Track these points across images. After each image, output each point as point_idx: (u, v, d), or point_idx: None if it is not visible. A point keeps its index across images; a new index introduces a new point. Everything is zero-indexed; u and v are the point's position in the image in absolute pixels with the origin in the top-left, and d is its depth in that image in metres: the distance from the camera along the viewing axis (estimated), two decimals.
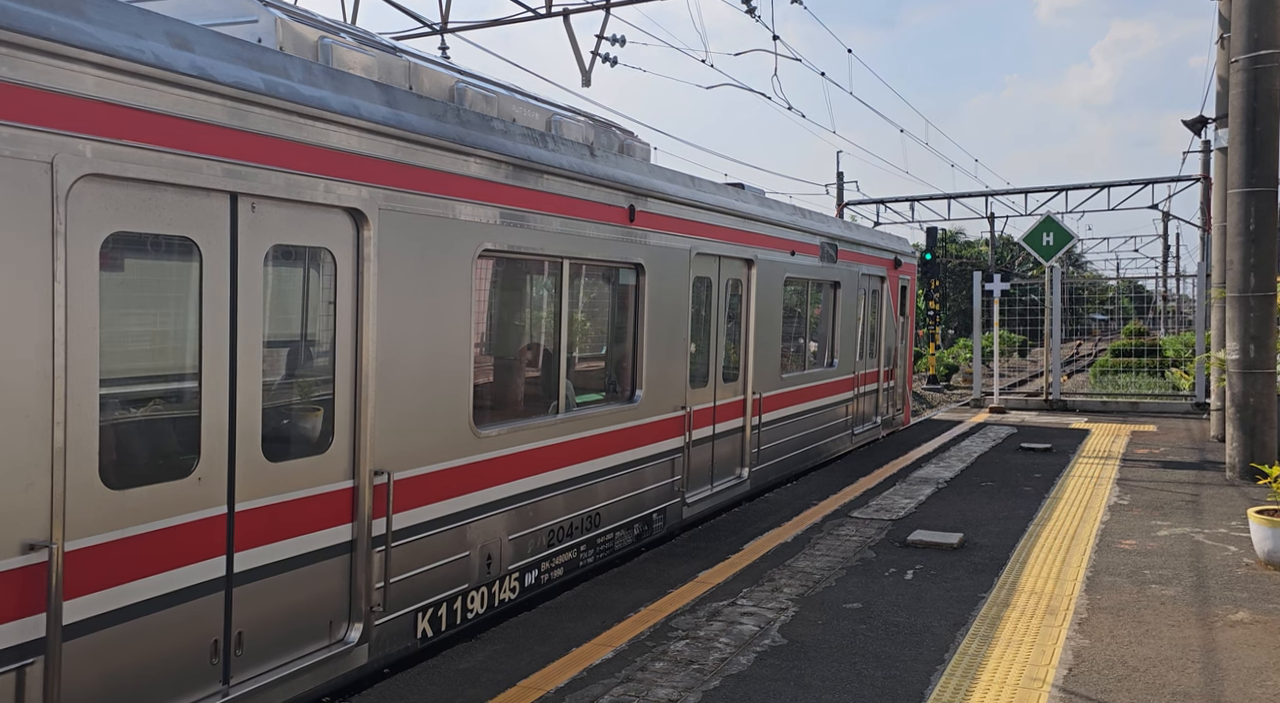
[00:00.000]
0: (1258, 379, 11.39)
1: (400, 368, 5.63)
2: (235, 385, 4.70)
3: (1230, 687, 5.35)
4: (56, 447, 3.86)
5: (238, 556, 4.73)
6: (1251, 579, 7.44)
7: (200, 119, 4.40)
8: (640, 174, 8.23)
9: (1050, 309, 19.72)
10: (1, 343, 3.69)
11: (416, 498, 5.82)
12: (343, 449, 5.32)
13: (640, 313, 8.29)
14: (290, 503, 5.01)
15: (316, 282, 5.36)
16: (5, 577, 3.71)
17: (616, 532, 8.06)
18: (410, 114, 5.65)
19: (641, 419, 8.32)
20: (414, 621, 5.82)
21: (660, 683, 5.34)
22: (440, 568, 6.03)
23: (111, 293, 4.19)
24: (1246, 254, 11.38)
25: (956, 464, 12.81)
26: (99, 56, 3.91)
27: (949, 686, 5.35)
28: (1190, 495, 10.71)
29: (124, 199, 4.14)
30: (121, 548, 4.20)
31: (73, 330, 3.96)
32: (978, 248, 64.18)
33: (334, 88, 5.18)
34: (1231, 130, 11.48)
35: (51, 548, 3.84)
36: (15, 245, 3.69)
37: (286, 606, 4.99)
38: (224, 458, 4.66)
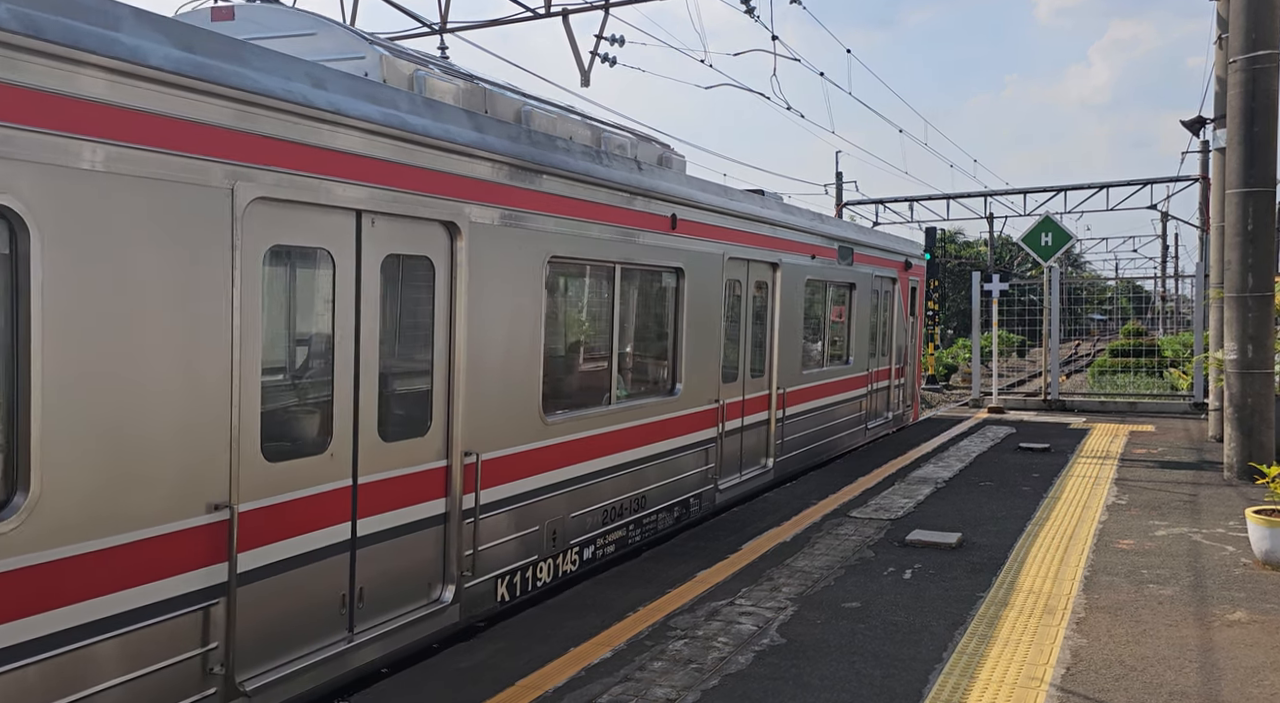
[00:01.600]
0: (1256, 379, 11.41)
1: (484, 361, 6.38)
2: (359, 376, 5.47)
3: (1227, 686, 5.36)
4: (233, 426, 4.67)
5: (360, 522, 5.52)
6: (1249, 579, 7.46)
7: (335, 148, 5.17)
8: (680, 185, 8.94)
9: (1049, 309, 19.74)
10: (198, 340, 4.50)
11: (498, 477, 6.57)
12: (439, 432, 6.10)
13: (680, 313, 9.01)
14: (399, 478, 5.78)
15: (419, 286, 6.01)
16: (198, 531, 4.54)
17: (660, 514, 8.79)
18: (492, 137, 6.39)
19: (680, 411, 9.02)
20: (495, 586, 6.57)
21: (659, 682, 5.36)
22: (516, 540, 6.80)
23: (269, 297, 4.97)
24: (1244, 254, 11.40)
25: (955, 464, 12.83)
26: (262, 98, 4.70)
27: (947, 685, 5.36)
28: (1188, 495, 10.73)
29: (280, 217, 4.93)
30: (277, 511, 4.99)
31: (244, 330, 4.74)
32: (977, 248, 64.21)
33: (432, 116, 5.94)
34: (1229, 131, 11.49)
35: (231, 508, 4.67)
36: (206, 258, 4.51)
37: (395, 568, 5.76)
38: (350, 438, 5.43)
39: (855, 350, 13.96)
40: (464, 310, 6.16)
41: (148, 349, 4.30)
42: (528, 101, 7.58)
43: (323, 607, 5.27)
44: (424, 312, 6.02)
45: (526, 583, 6.93)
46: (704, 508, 9.62)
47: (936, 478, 11.79)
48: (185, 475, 4.49)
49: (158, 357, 4.36)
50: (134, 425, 4.27)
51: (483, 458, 6.35)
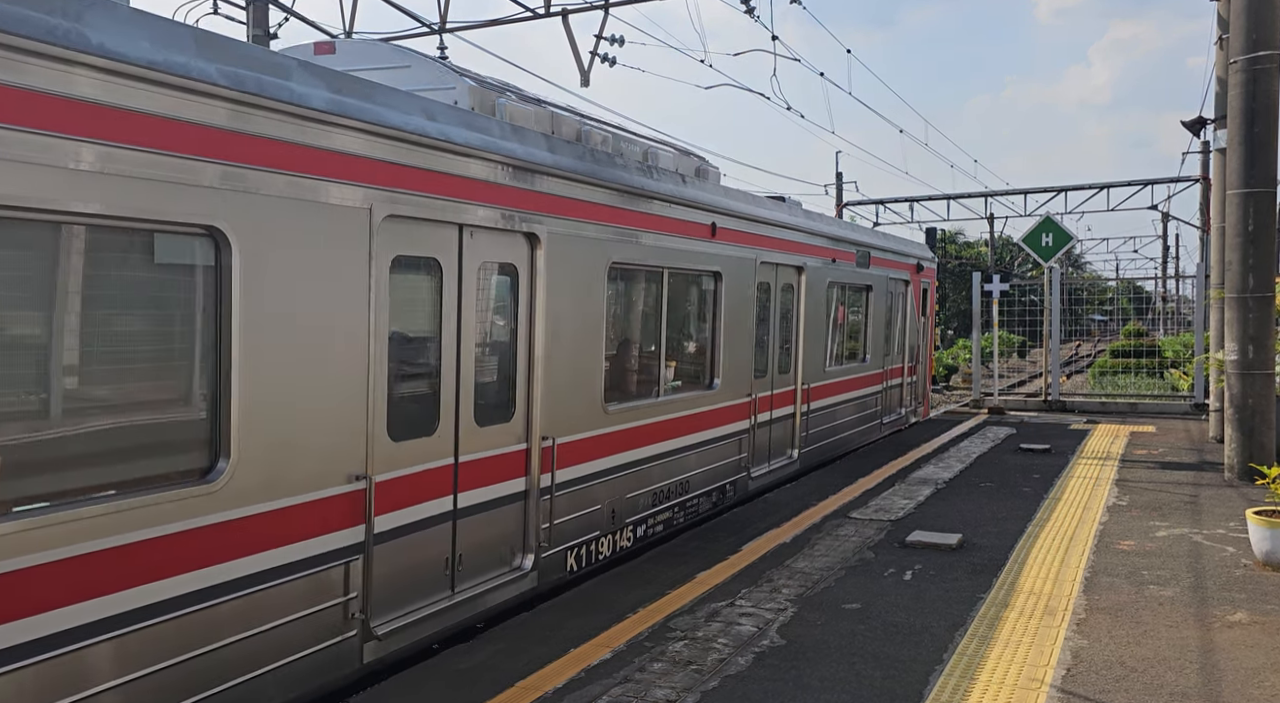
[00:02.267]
0: (1256, 380, 11.40)
1: (557, 356, 7.14)
2: (459, 368, 6.26)
3: (1228, 687, 5.35)
4: (369, 409, 5.46)
5: (460, 495, 6.30)
6: (1249, 580, 7.45)
7: (444, 171, 5.97)
8: (719, 196, 9.73)
9: (1049, 310, 19.73)
10: (346, 336, 5.31)
11: (569, 459, 7.34)
12: (520, 418, 6.87)
13: (718, 313, 9.76)
14: (489, 458, 6.56)
15: (505, 290, 6.82)
16: (344, 497, 5.33)
17: (700, 498, 9.55)
18: (564, 157, 7.22)
19: (719, 404, 9.80)
20: (565, 557, 7.38)
21: (659, 684, 5.35)
22: (583, 516, 7.59)
23: (393, 300, 5.70)
24: (1245, 255, 11.39)
25: (955, 465, 12.82)
26: (390, 130, 5.50)
27: (947, 686, 5.35)
28: (1189, 496, 10.72)
29: (403, 232, 5.73)
30: (400, 483, 5.76)
31: (377, 328, 5.50)
32: (977, 248, 64.19)
33: (518, 141, 6.74)
34: (1230, 131, 11.48)
35: (368, 478, 5.45)
36: (351, 268, 5.32)
37: (486, 537, 6.54)
38: (452, 422, 6.22)
39: (872, 349, 14.66)
40: (541, 311, 6.99)
41: (310, 344, 5.11)
42: (585, 121, 8.34)
43: (432, 568, 6.09)
44: (508, 312, 6.87)
45: (591, 556, 7.76)
46: (738, 494, 10.36)
47: (937, 479, 11.78)
48: (334, 451, 5.28)
49: (317, 350, 5.14)
50: (299, 408, 5.06)
51: (557, 442, 7.16)
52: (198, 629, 4.55)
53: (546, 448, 7.01)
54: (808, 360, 12.05)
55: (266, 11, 15.10)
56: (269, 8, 15.11)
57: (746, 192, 10.75)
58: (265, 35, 15.06)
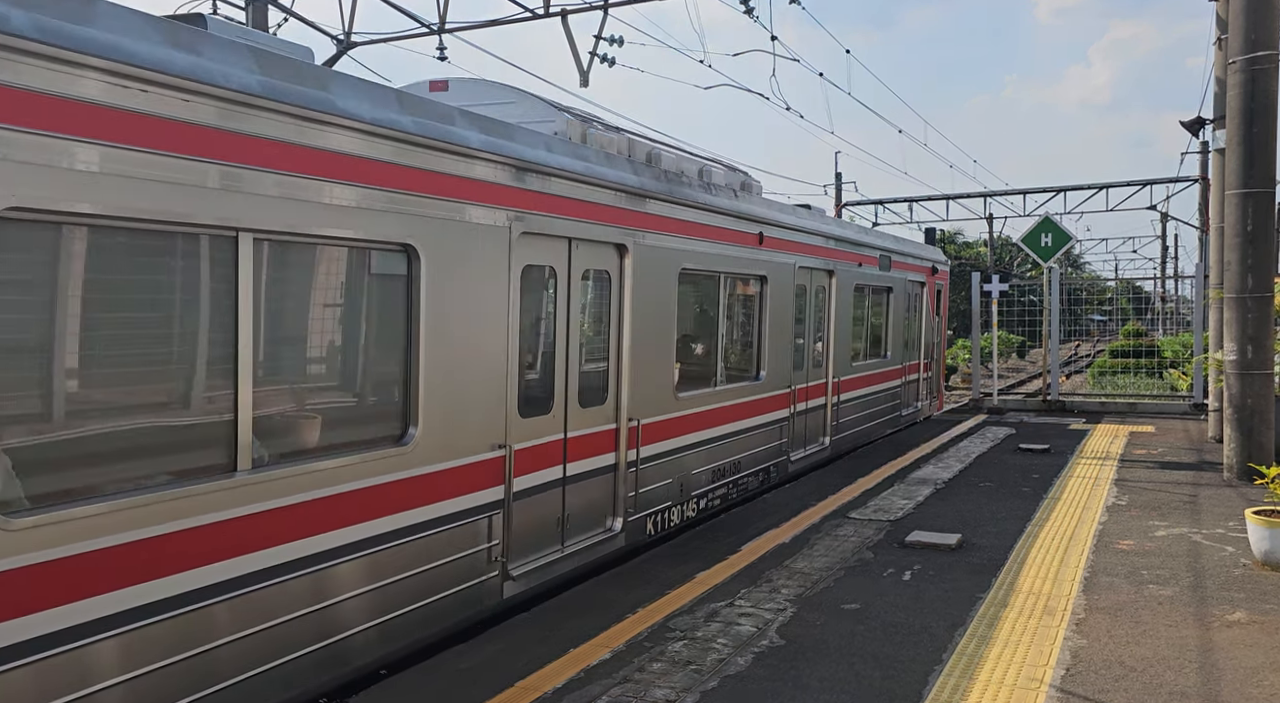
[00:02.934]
0: (1255, 380, 11.40)
1: (640, 348, 8.34)
2: (568, 358, 7.48)
3: (1227, 687, 5.36)
4: (507, 391, 6.65)
5: (568, 465, 7.49)
6: (1249, 580, 7.45)
7: (561, 194, 7.19)
8: (765, 208, 10.96)
9: (1049, 310, 19.74)
10: (494, 331, 6.53)
11: (649, 438, 8.52)
12: (612, 402, 8.09)
13: (763, 313, 10.94)
14: (589, 435, 7.75)
15: (600, 293, 8.02)
16: (491, 462, 6.54)
17: (749, 477, 10.74)
18: (645, 178, 8.45)
19: (764, 394, 10.95)
20: (646, 522, 8.55)
21: (658, 684, 5.35)
22: (659, 488, 8.77)
23: (522, 302, 6.85)
24: (1244, 255, 11.39)
25: (955, 465, 12.82)
26: (525, 162, 6.72)
27: (947, 686, 5.36)
28: (1188, 496, 10.73)
29: (530, 245, 6.94)
30: (528, 452, 6.94)
31: (512, 324, 6.69)
32: (976, 248, 64.19)
33: (609, 165, 7.96)
34: (1229, 131, 11.48)
35: (508, 446, 6.67)
36: (497, 276, 6.55)
37: (585, 502, 7.70)
38: (563, 403, 7.43)
39: (892, 346, 15.80)
40: (628, 311, 8.18)
41: (470, 336, 6.31)
42: (655, 145, 9.37)
43: (548, 525, 7.27)
44: (603, 312, 8.05)
45: (665, 523, 8.91)
46: (779, 476, 11.51)
47: (936, 479, 11.78)
48: (485, 423, 6.47)
49: (474, 341, 6.35)
50: (462, 387, 6.27)
51: (641, 423, 8.35)
52: (396, 560, 5.76)
53: (632, 428, 8.24)
54: (838, 356, 13.20)
55: (266, 12, 15.10)
56: (268, 8, 15.11)
57: (784, 203, 12.06)
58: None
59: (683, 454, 9.12)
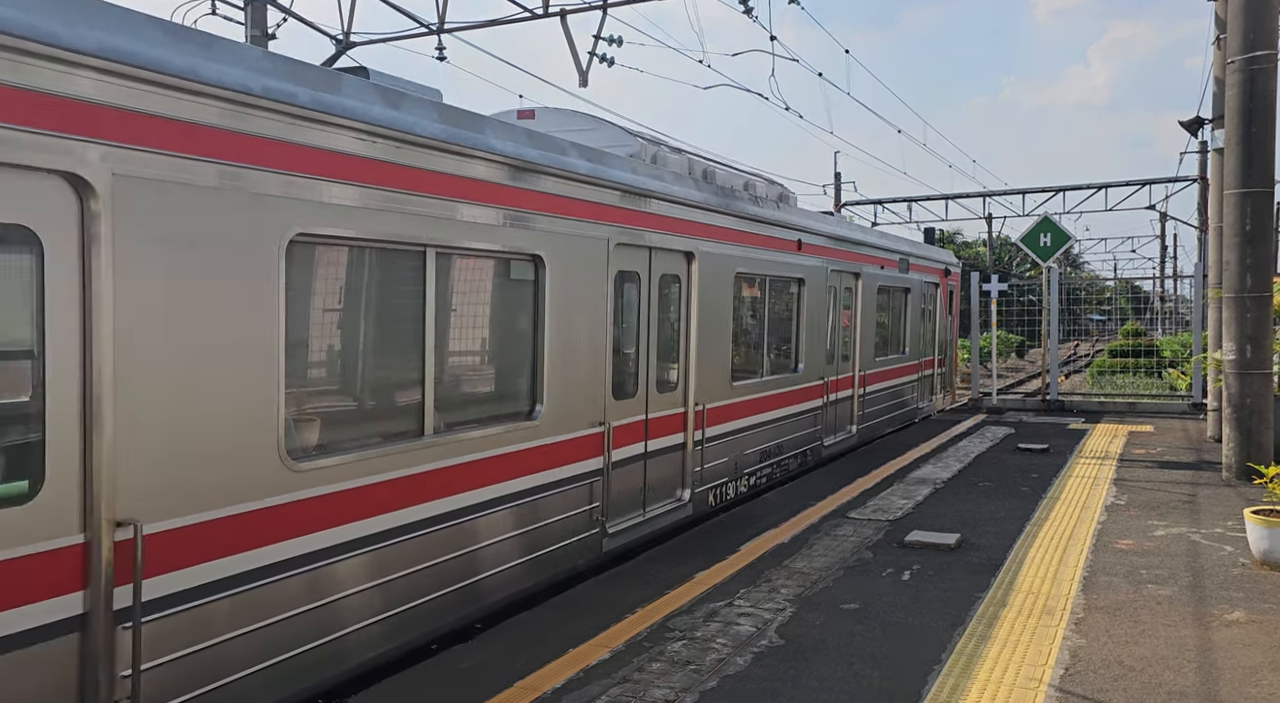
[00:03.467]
0: (1254, 380, 11.40)
1: (704, 341, 9.51)
2: (650, 349, 8.74)
3: (1226, 686, 5.36)
4: (606, 376, 7.92)
5: (649, 442, 8.72)
6: (1247, 579, 7.46)
7: (641, 209, 8.39)
8: (802, 218, 12.14)
9: (1048, 310, 19.74)
10: (599, 326, 7.77)
11: (711, 420, 9.69)
12: (681, 388, 9.26)
13: (800, 312, 12.13)
14: (664, 416, 8.97)
15: (672, 295, 9.19)
16: (593, 437, 7.78)
17: (789, 459, 11.94)
18: (707, 194, 9.63)
19: (801, 385, 12.12)
20: (708, 494, 9.77)
21: (657, 684, 5.35)
22: (719, 465, 9.95)
23: (616, 303, 8.12)
24: (1243, 255, 11.39)
25: (954, 464, 12.83)
26: (620, 185, 8.01)
27: (946, 685, 5.36)
28: (1187, 496, 10.73)
29: (623, 255, 8.21)
30: (620, 429, 8.21)
31: (609, 322, 7.93)
32: (975, 248, 64.18)
33: (679, 184, 9.14)
34: (1228, 131, 11.48)
35: (607, 423, 7.93)
36: (598, 281, 7.76)
37: (661, 475, 8.95)
38: (645, 388, 8.66)
39: (910, 343, 16.92)
40: (694, 309, 9.36)
41: (580, 331, 7.54)
42: (710, 163, 10.51)
43: (634, 493, 8.51)
44: (674, 310, 9.23)
45: (723, 496, 10.10)
46: (813, 459, 12.64)
47: (935, 479, 11.78)
48: (589, 403, 7.73)
49: (583, 335, 7.58)
50: (574, 373, 7.49)
51: (706, 407, 9.55)
52: (532, 513, 7.04)
53: (699, 411, 9.44)
54: (863, 351, 14.37)
55: (265, 12, 15.09)
56: (267, 8, 15.10)
57: (814, 212, 13.33)
58: (263, 36, 15.05)
59: (737, 436, 10.37)
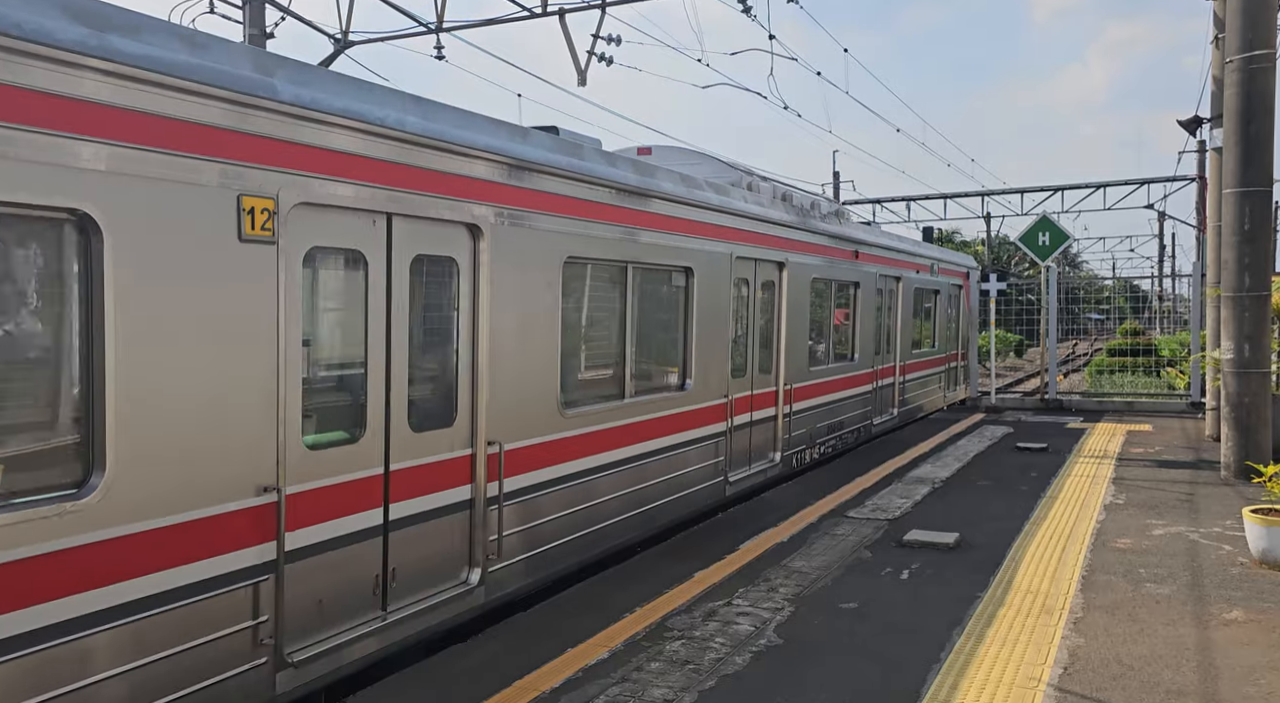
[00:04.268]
0: (1252, 379, 11.41)
1: (791, 334, 11.54)
2: (757, 340, 10.78)
3: (1224, 685, 5.36)
4: (729, 360, 9.97)
5: (754, 413, 10.75)
6: (1246, 578, 7.46)
7: (749, 229, 10.33)
8: (858, 231, 14.46)
9: (1046, 309, 19.75)
10: (722, 321, 9.84)
11: (795, 398, 11.75)
12: (774, 371, 11.33)
13: (856, 310, 14.26)
14: (763, 393, 10.98)
15: (768, 298, 11.21)
16: (719, 406, 9.79)
17: (848, 433, 13.95)
18: (792, 215, 11.68)
19: (856, 371, 14.20)
20: (791, 458, 11.72)
21: (656, 683, 5.35)
22: (799, 435, 11.91)
23: (737, 306, 10.23)
24: (1241, 254, 11.39)
25: (953, 463, 12.83)
26: (739, 212, 10.01)
27: (945, 684, 5.36)
28: (1185, 495, 10.73)
29: (740, 265, 10.13)
30: (738, 401, 10.24)
31: (730, 316, 10.05)
32: (974, 247, 64.09)
33: (775, 208, 11.23)
34: (1226, 130, 11.48)
35: (729, 396, 10.06)
36: (724, 285, 9.77)
37: (761, 439, 10.97)
38: (751, 370, 10.74)
39: (939, 338, 18.92)
40: (785, 308, 11.37)
41: (713, 324, 9.62)
42: (785, 186, 12.57)
43: (744, 452, 10.48)
44: (770, 308, 11.26)
45: (801, 460, 12.09)
46: (865, 435, 14.72)
47: (934, 478, 11.79)
48: (717, 381, 9.81)
49: (714, 327, 9.66)
50: (708, 356, 9.60)
51: (793, 387, 11.63)
52: (685, 460, 9.09)
53: (787, 390, 11.45)
54: (902, 345, 16.32)
55: (263, 11, 15.07)
56: (265, 7, 15.08)
57: (865, 224, 16.24)
58: (261, 35, 15.03)
59: (812, 411, 12.42)
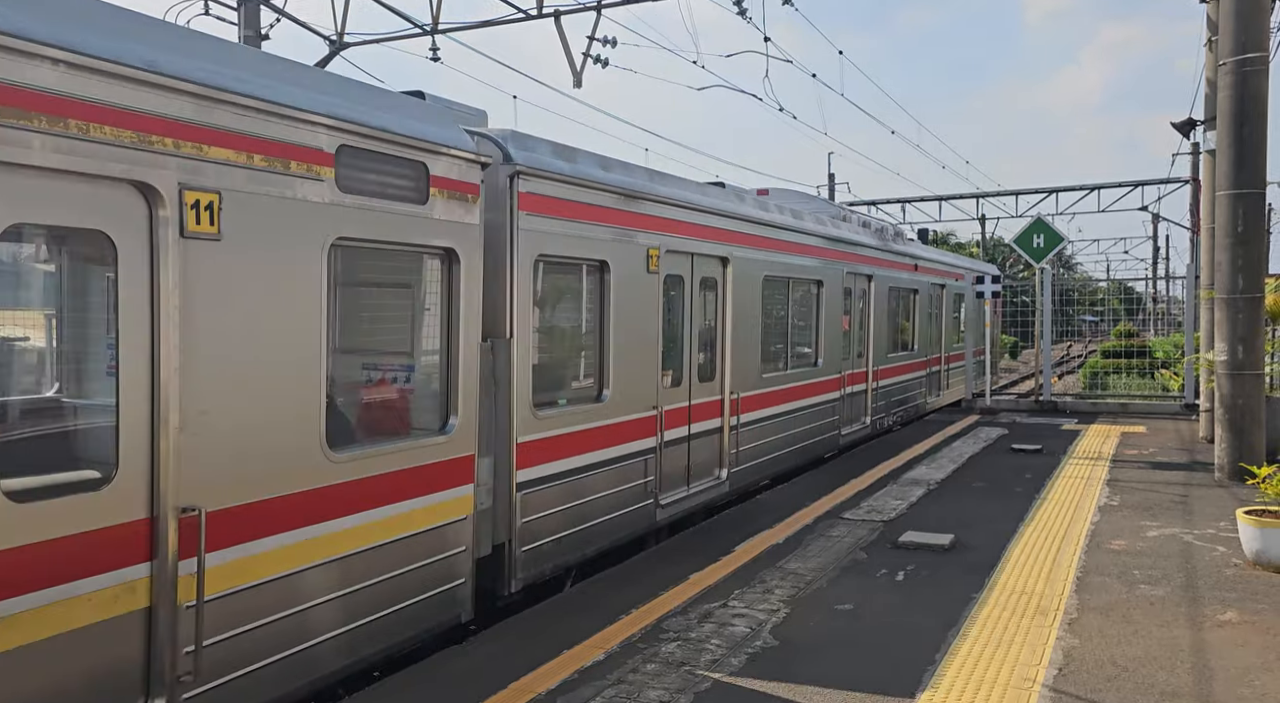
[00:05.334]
0: (1246, 380, 11.45)
1: (878, 331, 15.06)
2: (857, 335, 14.50)
3: (1218, 686, 5.38)
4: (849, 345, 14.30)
5: (849, 388, 14.11)
6: (1240, 579, 7.48)
7: (848, 253, 13.82)
8: (917, 249, 18.47)
9: (1041, 310, 19.78)
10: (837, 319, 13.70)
11: (878, 378, 15.33)
12: (865, 357, 14.74)
13: (914, 312, 17.89)
14: (856, 373, 14.48)
15: (858, 303, 14.55)
16: (835, 380, 13.51)
17: (910, 409, 17.59)
18: (874, 239, 15.18)
19: (915, 360, 17.88)
20: (875, 422, 15.31)
21: (652, 685, 5.35)
22: (881, 405, 15.46)
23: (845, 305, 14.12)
24: (1235, 256, 11.43)
25: (948, 465, 12.85)
26: (844, 241, 13.86)
27: (940, 685, 5.37)
28: (1179, 496, 10.76)
29: (845, 277, 13.97)
30: (847, 376, 14.09)
31: (843, 315, 14.11)
32: (969, 249, 64.26)
33: (867, 235, 15.03)
34: (1219, 133, 11.52)
35: (843, 374, 13.79)
36: (839, 293, 13.67)
37: (854, 408, 14.32)
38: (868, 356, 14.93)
39: (971, 335, 22.39)
40: (871, 310, 14.80)
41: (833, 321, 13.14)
42: (855, 212, 15.69)
43: (850, 415, 14.10)
44: (859, 311, 14.29)
45: (881, 425, 15.58)
46: (918, 413, 18.26)
47: (929, 479, 11.81)
48: (839, 360, 13.49)
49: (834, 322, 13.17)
50: (833, 343, 13.27)
51: (878, 369, 15.26)
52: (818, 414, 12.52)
53: (875, 371, 15.06)
54: (946, 340, 20.23)
55: (258, 13, 15.06)
56: (260, 9, 15.07)
57: (918, 242, 20.62)
58: (256, 36, 15.02)
59: (887, 388, 15.88)
